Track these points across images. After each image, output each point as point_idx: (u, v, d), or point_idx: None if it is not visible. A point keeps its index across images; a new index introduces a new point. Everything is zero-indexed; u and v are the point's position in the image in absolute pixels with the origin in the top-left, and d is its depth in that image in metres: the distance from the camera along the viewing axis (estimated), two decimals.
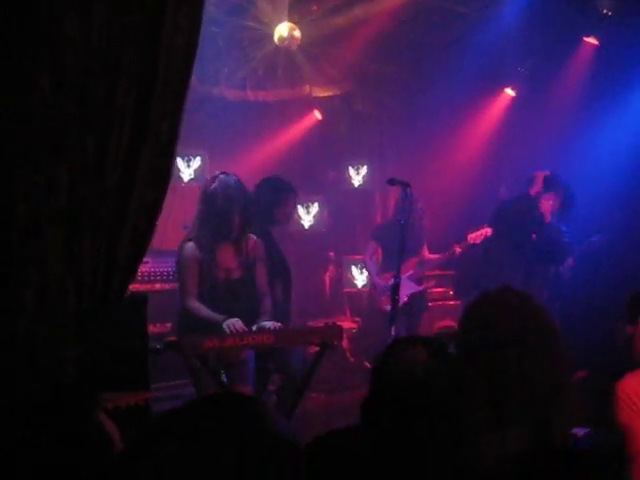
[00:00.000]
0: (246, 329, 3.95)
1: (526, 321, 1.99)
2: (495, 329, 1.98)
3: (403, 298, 6.44)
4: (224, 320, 3.95)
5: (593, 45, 6.72)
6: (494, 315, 2.02)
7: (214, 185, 4.16)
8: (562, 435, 2.00)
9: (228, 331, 3.89)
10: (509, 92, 7.70)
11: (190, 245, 4.15)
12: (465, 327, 2.08)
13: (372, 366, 1.88)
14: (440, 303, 7.11)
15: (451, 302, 7.19)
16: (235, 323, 3.93)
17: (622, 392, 2.61)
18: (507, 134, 7.69)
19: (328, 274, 8.02)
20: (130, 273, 2.16)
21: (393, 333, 4.41)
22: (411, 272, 6.32)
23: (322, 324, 4.16)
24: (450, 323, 6.71)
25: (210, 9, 5.58)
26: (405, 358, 1.78)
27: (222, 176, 4.20)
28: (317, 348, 3.98)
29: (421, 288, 6.37)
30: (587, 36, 6.70)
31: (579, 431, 3.30)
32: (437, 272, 7.00)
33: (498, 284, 2.15)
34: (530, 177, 5.76)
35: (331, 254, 7.97)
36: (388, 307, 6.48)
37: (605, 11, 6.29)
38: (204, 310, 4.09)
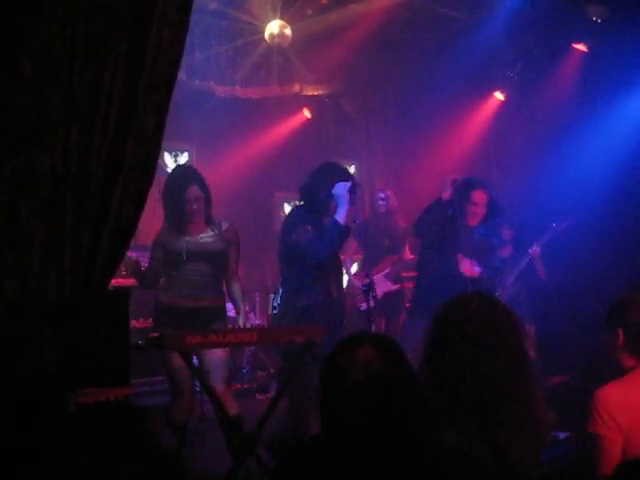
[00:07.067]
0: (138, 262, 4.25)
1: (481, 323, 2.10)
2: (451, 329, 2.11)
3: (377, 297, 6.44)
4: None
5: (582, 51, 6.76)
6: (452, 316, 2.15)
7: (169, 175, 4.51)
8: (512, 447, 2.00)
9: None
10: (498, 96, 7.71)
11: (160, 231, 4.39)
12: (430, 327, 2.19)
13: (322, 372, 1.83)
14: None
15: None
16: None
17: (599, 402, 2.38)
18: (495, 137, 7.71)
19: None
20: (113, 264, 2.13)
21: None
22: (387, 270, 6.32)
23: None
24: None
25: (201, 3, 5.55)
26: (356, 360, 1.76)
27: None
28: None
29: (396, 287, 6.35)
30: (577, 42, 6.73)
31: (559, 434, 3.32)
32: (414, 273, 6.95)
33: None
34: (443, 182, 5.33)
35: None
36: (363, 306, 6.48)
37: (595, 18, 6.33)
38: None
